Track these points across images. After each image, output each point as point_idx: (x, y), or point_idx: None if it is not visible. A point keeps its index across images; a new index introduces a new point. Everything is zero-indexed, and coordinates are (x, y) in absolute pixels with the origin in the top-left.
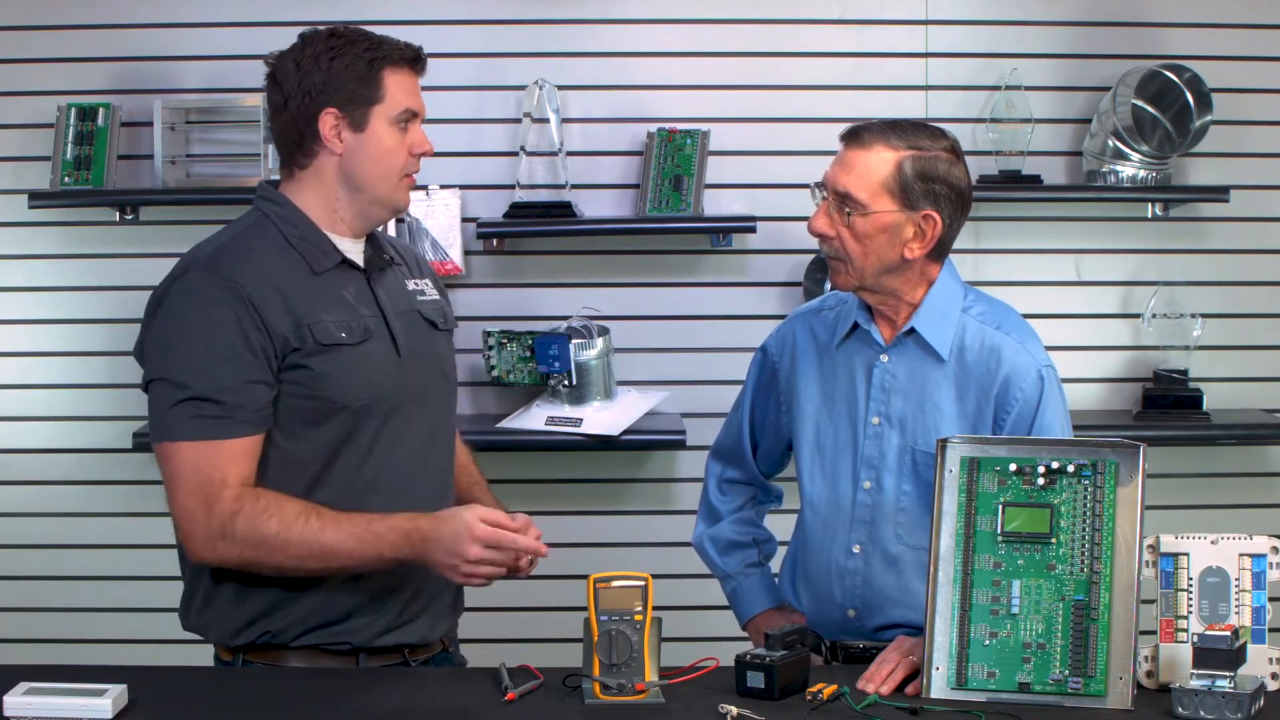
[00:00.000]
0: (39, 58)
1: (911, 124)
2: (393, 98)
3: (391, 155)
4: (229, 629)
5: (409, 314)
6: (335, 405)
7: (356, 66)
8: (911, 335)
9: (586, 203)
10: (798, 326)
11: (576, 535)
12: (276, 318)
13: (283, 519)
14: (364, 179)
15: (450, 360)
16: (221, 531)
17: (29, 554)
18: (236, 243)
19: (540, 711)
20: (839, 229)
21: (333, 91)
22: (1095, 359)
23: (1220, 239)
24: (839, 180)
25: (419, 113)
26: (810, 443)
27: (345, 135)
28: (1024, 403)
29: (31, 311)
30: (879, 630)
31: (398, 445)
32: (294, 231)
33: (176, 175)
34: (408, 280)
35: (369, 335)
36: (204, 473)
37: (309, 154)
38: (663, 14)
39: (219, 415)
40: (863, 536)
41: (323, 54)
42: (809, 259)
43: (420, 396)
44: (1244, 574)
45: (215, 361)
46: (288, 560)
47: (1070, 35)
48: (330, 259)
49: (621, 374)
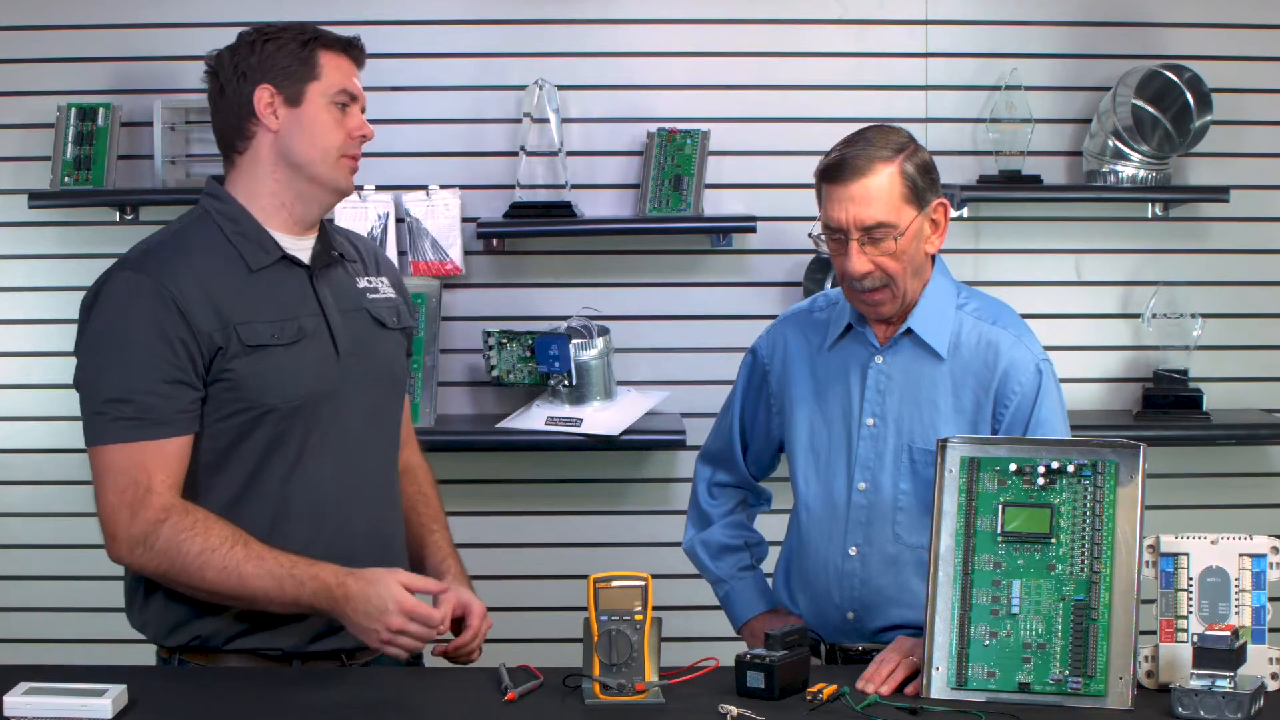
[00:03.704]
0: (39, 58)
1: (870, 132)
2: (328, 77)
3: (328, 132)
4: (162, 629)
5: (355, 312)
6: (263, 407)
7: (290, 46)
8: (908, 335)
9: (586, 203)
10: (789, 329)
11: (576, 535)
12: (202, 318)
13: (207, 541)
14: (301, 155)
15: (400, 361)
16: (142, 538)
17: (29, 554)
18: (171, 241)
19: (540, 711)
20: (877, 260)
21: (267, 68)
22: (1095, 359)
23: (1220, 239)
24: (863, 216)
25: (357, 97)
26: (804, 445)
27: (281, 112)
28: (1022, 396)
29: (31, 311)
30: (880, 632)
31: (330, 446)
32: (233, 228)
33: (176, 175)
34: (359, 278)
35: (302, 335)
36: (130, 474)
37: (246, 136)
38: (663, 14)
39: (138, 417)
40: (859, 538)
41: (256, 40)
42: (809, 259)
43: (356, 396)
44: (1244, 574)
45: (135, 363)
46: (203, 584)
47: (1070, 35)
48: (269, 255)
49: (621, 374)
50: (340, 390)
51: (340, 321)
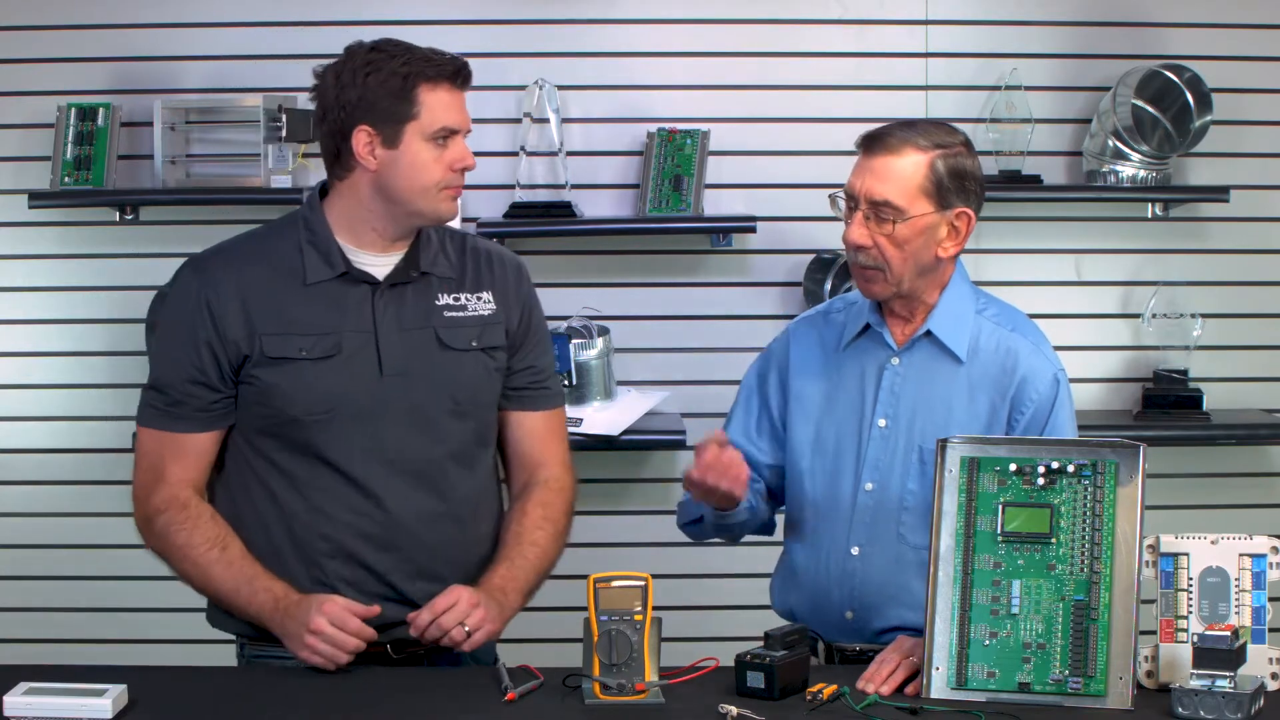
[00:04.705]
0: (39, 58)
1: (927, 123)
2: (429, 114)
3: (426, 171)
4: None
5: (418, 331)
6: (287, 416)
7: (391, 83)
8: (927, 337)
9: (586, 203)
10: (803, 329)
11: (576, 535)
12: (233, 325)
13: (190, 537)
14: (399, 193)
15: (471, 383)
16: (147, 521)
17: (29, 554)
18: (239, 244)
19: (540, 711)
20: (877, 238)
21: (366, 108)
22: (1095, 359)
23: (1220, 239)
24: (874, 190)
25: (458, 129)
26: (810, 444)
27: (379, 152)
28: (1038, 405)
29: (31, 311)
30: (879, 634)
31: (363, 462)
32: (309, 236)
33: (176, 175)
34: (442, 294)
35: (338, 351)
36: (151, 459)
37: (345, 168)
38: (663, 14)
39: (165, 408)
40: (862, 538)
41: (359, 69)
42: (809, 259)
43: (401, 415)
44: (1244, 574)
45: (170, 356)
46: (181, 574)
47: (1070, 35)
48: (331, 270)
49: (621, 374)
50: (378, 408)
51: (395, 340)
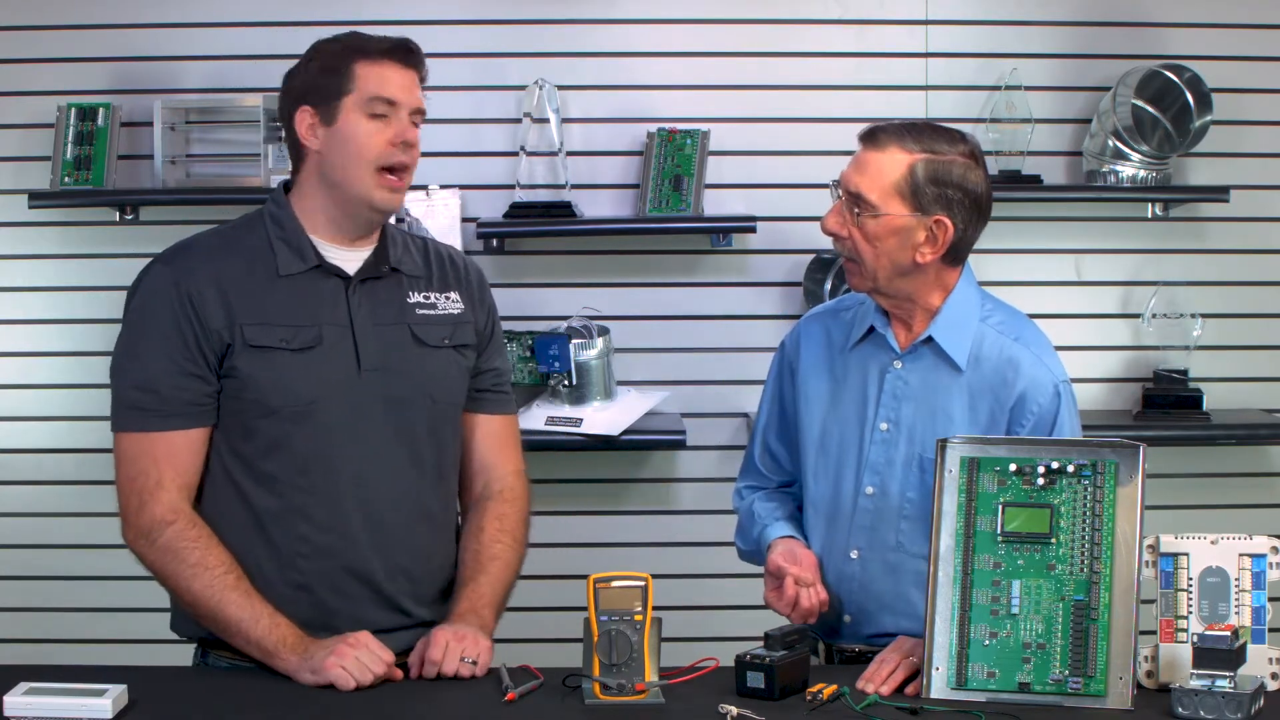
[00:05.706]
0: (39, 58)
1: (931, 126)
2: (362, 85)
3: (360, 144)
4: (190, 621)
5: (393, 327)
6: (266, 407)
7: (329, 62)
8: (928, 343)
9: (586, 203)
10: (814, 325)
11: (576, 535)
12: (213, 315)
13: (205, 557)
14: (337, 174)
15: (447, 380)
16: (146, 532)
17: (29, 554)
18: (208, 239)
19: (540, 711)
20: (850, 229)
21: (307, 89)
22: (1095, 359)
23: (1220, 239)
24: (851, 180)
25: (398, 101)
26: (815, 443)
27: (320, 132)
28: (1040, 417)
29: (31, 311)
30: (873, 638)
31: (343, 458)
32: (278, 231)
33: (176, 175)
34: (413, 292)
35: (318, 343)
36: (140, 464)
37: (299, 157)
38: (663, 14)
39: (149, 407)
40: (862, 541)
41: (306, 58)
42: (809, 259)
43: (377, 411)
44: (1244, 574)
45: (150, 354)
46: (187, 592)
47: (1070, 35)
48: (303, 262)
49: (621, 374)
50: (358, 403)
51: (371, 335)
